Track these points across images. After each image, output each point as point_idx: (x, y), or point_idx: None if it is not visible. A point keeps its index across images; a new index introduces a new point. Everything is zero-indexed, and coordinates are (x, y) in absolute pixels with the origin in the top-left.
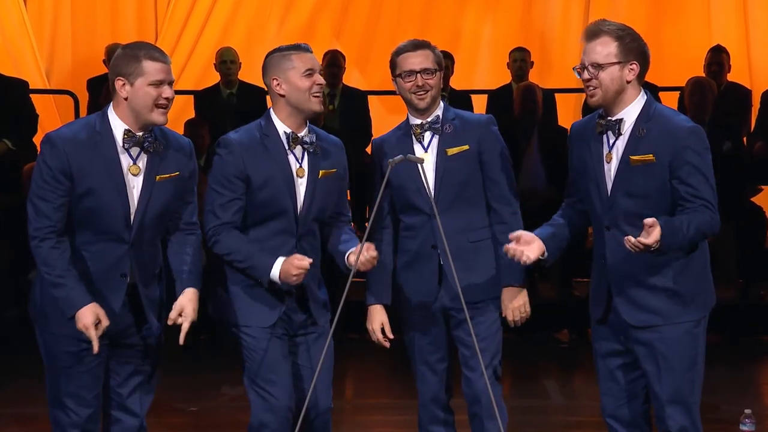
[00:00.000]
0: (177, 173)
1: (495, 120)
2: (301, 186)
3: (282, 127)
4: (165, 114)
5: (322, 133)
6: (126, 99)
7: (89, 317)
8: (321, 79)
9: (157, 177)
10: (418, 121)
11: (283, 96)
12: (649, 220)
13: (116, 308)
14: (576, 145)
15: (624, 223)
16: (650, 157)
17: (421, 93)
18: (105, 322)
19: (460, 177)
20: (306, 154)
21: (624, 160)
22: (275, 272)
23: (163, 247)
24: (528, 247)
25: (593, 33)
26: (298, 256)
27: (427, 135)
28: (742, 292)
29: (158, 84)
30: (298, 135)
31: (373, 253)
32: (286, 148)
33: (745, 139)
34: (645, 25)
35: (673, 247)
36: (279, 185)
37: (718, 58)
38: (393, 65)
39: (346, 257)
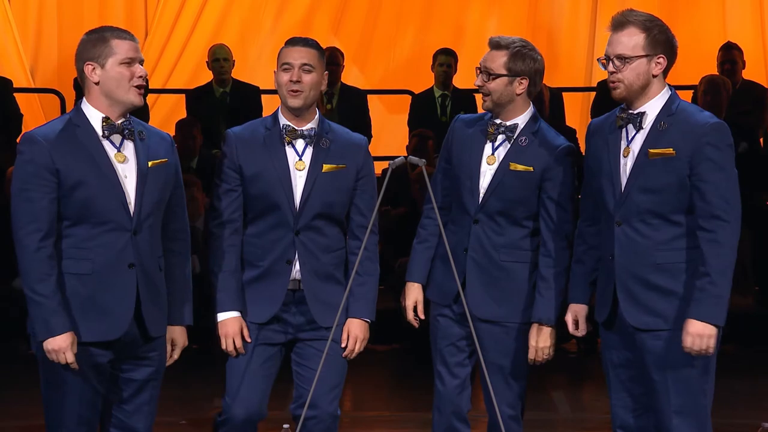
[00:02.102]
0: (165, 160)
1: (573, 150)
2: (300, 179)
3: (282, 121)
4: (142, 95)
5: (342, 130)
6: (98, 84)
7: (66, 342)
8: (296, 75)
9: (150, 163)
10: (498, 121)
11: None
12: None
13: (133, 303)
14: (592, 141)
15: (636, 220)
16: (670, 150)
17: (482, 95)
18: (74, 351)
19: (513, 195)
20: (309, 147)
21: (642, 154)
22: (222, 317)
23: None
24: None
25: (620, 23)
26: (246, 331)
27: (500, 138)
28: (759, 300)
29: (130, 62)
30: (296, 128)
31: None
32: (284, 141)
33: (761, 139)
34: None
35: (725, 310)
36: (270, 178)
37: (730, 56)
38: None
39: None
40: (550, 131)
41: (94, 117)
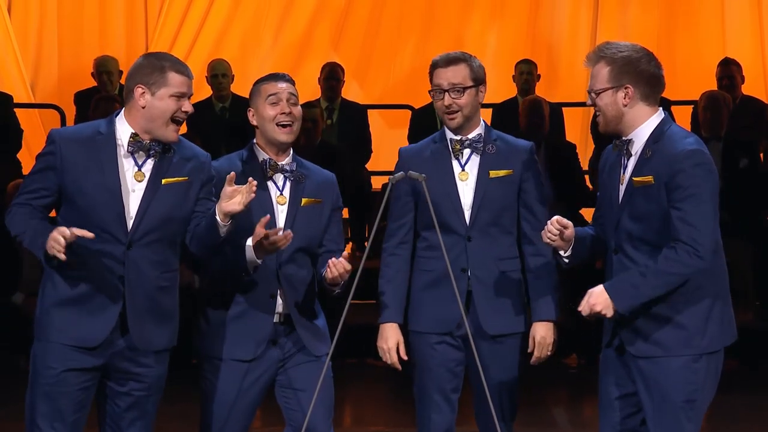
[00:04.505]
0: (186, 178)
1: (535, 149)
2: (282, 214)
3: (261, 155)
4: (177, 131)
5: (313, 166)
6: (144, 107)
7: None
8: (287, 108)
9: (164, 180)
10: (458, 137)
11: (257, 127)
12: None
13: (114, 318)
14: (603, 169)
15: (629, 247)
16: (649, 179)
17: (450, 114)
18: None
19: (500, 202)
20: (288, 182)
21: (629, 182)
22: (250, 255)
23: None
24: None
25: (590, 59)
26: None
27: (466, 152)
28: (760, 315)
29: (180, 96)
30: (278, 163)
31: (346, 265)
32: (265, 176)
33: (762, 155)
34: (656, 38)
35: (633, 304)
36: (256, 212)
37: (728, 71)
38: (430, 78)
39: (324, 272)
40: (508, 135)
41: (124, 131)
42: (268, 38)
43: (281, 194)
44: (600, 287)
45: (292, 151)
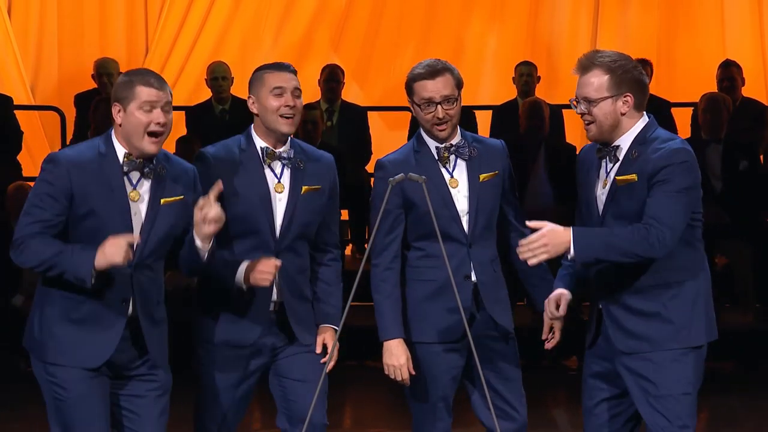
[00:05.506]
0: (182, 197)
1: None
2: (280, 202)
3: (259, 143)
4: (157, 144)
5: (311, 150)
6: (120, 125)
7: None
8: (291, 101)
9: (162, 200)
10: (443, 144)
11: (257, 115)
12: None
13: (117, 339)
14: (581, 169)
15: None
16: (633, 176)
17: (441, 125)
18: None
19: (491, 204)
20: (286, 169)
21: (613, 182)
22: (239, 277)
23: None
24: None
25: (584, 66)
26: (263, 260)
27: (452, 159)
28: (760, 317)
29: (149, 108)
30: (275, 151)
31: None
32: (263, 163)
33: (762, 157)
34: (656, 40)
35: (589, 256)
36: (252, 201)
37: (728, 73)
38: (409, 90)
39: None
40: (477, 135)
41: (119, 150)
42: (268, 40)
43: (279, 182)
44: (560, 227)
45: (290, 139)
